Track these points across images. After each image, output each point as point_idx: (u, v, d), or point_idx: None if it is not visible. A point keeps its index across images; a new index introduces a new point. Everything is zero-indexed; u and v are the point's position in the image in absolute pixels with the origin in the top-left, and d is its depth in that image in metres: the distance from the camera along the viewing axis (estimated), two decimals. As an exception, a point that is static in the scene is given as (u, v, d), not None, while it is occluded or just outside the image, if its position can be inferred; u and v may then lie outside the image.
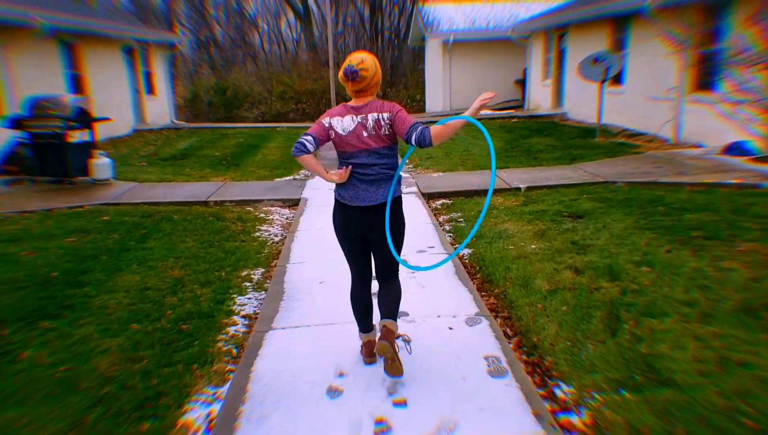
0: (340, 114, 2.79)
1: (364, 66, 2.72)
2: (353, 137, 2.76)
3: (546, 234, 5.24)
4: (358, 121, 2.75)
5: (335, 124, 2.78)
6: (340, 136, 2.78)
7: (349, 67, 2.71)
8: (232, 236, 5.84)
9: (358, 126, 2.75)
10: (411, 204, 6.75)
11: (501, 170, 8.54)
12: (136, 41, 15.73)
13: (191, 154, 11.22)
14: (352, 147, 2.78)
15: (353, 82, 2.72)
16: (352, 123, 2.76)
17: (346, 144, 2.78)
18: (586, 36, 14.45)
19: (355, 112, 2.76)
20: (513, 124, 14.96)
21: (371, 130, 2.75)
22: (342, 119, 2.77)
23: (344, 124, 2.77)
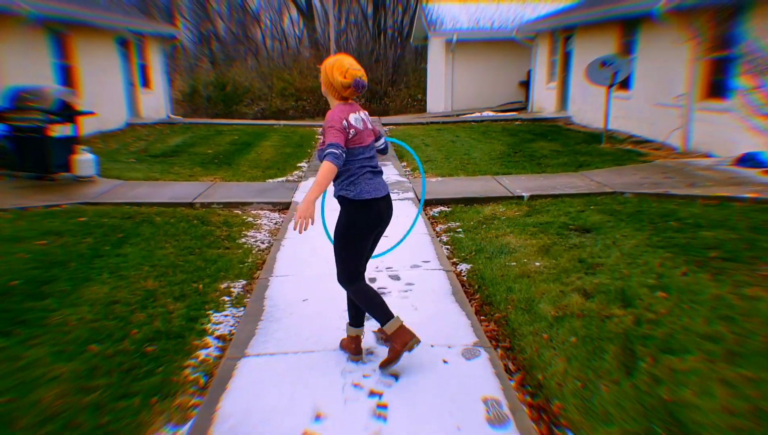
0: (352, 111, 2.88)
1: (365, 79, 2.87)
2: (366, 132, 2.90)
3: (551, 250, 4.86)
4: (361, 116, 2.91)
5: (353, 122, 2.85)
6: (359, 131, 2.86)
7: (361, 81, 2.82)
8: (216, 243, 5.46)
9: (363, 120, 2.91)
10: (406, 211, 6.37)
11: (503, 176, 8.16)
12: (131, 32, 15.32)
13: (183, 151, 10.83)
14: (366, 141, 2.89)
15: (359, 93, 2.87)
16: (360, 117, 2.90)
17: (362, 138, 2.87)
18: (593, 39, 14.07)
19: (357, 109, 2.92)
20: (516, 126, 14.58)
21: (370, 123, 2.97)
22: (355, 115, 2.88)
23: (358, 120, 2.88)
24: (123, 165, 9.29)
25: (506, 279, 4.25)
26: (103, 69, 13.94)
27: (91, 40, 13.30)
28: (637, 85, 11.89)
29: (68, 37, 12.32)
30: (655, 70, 11.11)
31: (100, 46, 13.88)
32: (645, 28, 11.51)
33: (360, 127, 2.85)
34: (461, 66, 20.49)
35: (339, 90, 2.84)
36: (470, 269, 4.61)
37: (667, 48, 10.69)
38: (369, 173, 2.89)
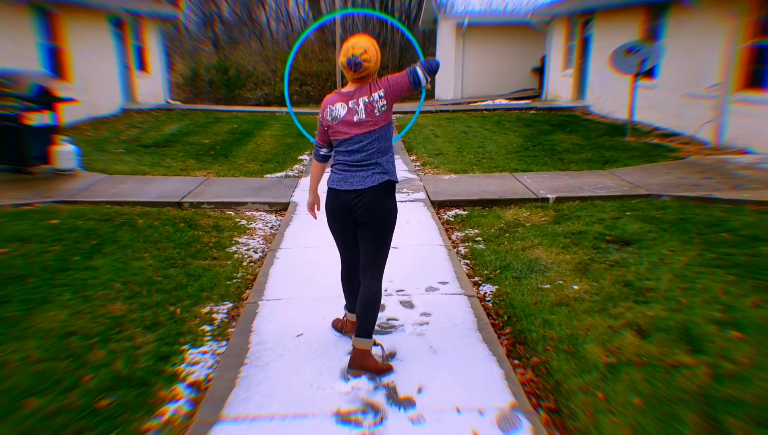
0: (333, 102, 2.79)
1: (367, 56, 2.70)
2: (346, 126, 2.77)
3: (590, 268, 4.16)
4: (348, 107, 2.76)
5: (327, 114, 2.80)
6: (331, 126, 2.79)
7: (353, 58, 2.68)
8: (203, 252, 4.79)
9: (350, 111, 2.76)
10: (418, 215, 5.67)
11: (523, 174, 7.44)
12: (126, 12, 14.55)
13: (177, 141, 10.13)
14: (344, 133, 2.79)
15: (355, 72, 2.71)
16: (343, 110, 2.76)
17: (338, 131, 2.79)
18: (614, 23, 13.20)
19: (347, 99, 2.77)
20: (531, 116, 13.79)
21: (362, 115, 2.75)
22: (334, 106, 2.78)
23: (335, 112, 2.77)
24: (110, 156, 8.61)
25: (541, 308, 3.57)
26: (95, 51, 13.20)
27: (82, 19, 12.54)
28: (663, 73, 11.05)
29: (57, 17, 11.57)
30: (684, 57, 10.29)
31: (92, 26, 13.13)
32: (674, 12, 10.66)
33: (333, 120, 2.78)
34: (472, 51, 19.61)
35: (345, 71, 2.75)
36: (496, 292, 3.93)
37: (699, 33, 9.86)
38: (342, 165, 2.84)
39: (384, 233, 2.87)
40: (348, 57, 2.68)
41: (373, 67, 2.73)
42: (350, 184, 2.79)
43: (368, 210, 2.80)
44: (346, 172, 2.82)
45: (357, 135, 2.76)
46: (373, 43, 2.74)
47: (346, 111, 2.74)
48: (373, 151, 2.78)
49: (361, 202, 2.79)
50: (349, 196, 2.80)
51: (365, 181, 2.78)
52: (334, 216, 2.93)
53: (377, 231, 2.85)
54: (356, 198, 2.80)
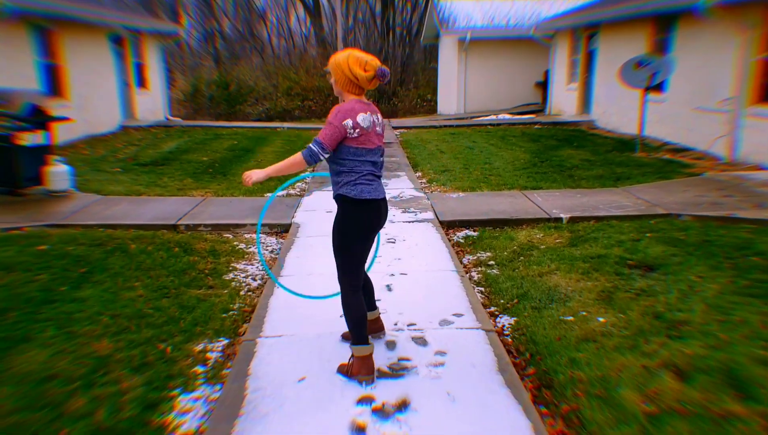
0: (363, 110, 2.78)
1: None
2: (376, 136, 2.83)
3: (614, 297, 3.86)
4: (373, 119, 2.81)
5: (360, 121, 2.75)
6: (365, 132, 2.77)
7: (384, 69, 2.76)
8: (198, 280, 4.50)
9: (374, 122, 2.82)
10: (427, 237, 5.38)
11: (533, 192, 7.16)
12: (126, 29, 14.41)
13: (175, 159, 9.88)
14: (372, 143, 2.81)
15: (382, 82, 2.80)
16: (370, 119, 2.80)
17: (368, 139, 2.79)
18: (620, 37, 13.01)
19: (370, 109, 2.81)
20: (536, 131, 13.55)
21: (381, 127, 2.88)
22: (365, 115, 2.78)
23: (367, 120, 2.78)
24: (106, 176, 8.35)
25: (566, 344, 3.26)
26: (93, 68, 13.03)
27: (81, 37, 12.39)
28: (673, 86, 10.82)
29: (54, 34, 11.40)
30: (695, 70, 10.06)
31: (90, 43, 12.97)
32: (684, 25, 10.46)
33: (367, 128, 2.77)
34: (474, 65, 19.46)
35: (363, 84, 2.77)
36: (515, 325, 3.62)
37: (711, 46, 9.64)
38: (370, 175, 2.84)
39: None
40: (378, 69, 2.76)
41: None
42: (379, 193, 2.87)
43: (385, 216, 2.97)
44: (374, 182, 2.86)
45: (380, 146, 2.89)
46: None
47: (372, 121, 2.80)
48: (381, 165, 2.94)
49: (387, 209, 2.98)
50: (384, 203, 2.93)
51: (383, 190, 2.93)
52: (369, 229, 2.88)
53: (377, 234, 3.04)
54: (386, 206, 2.96)
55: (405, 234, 5.43)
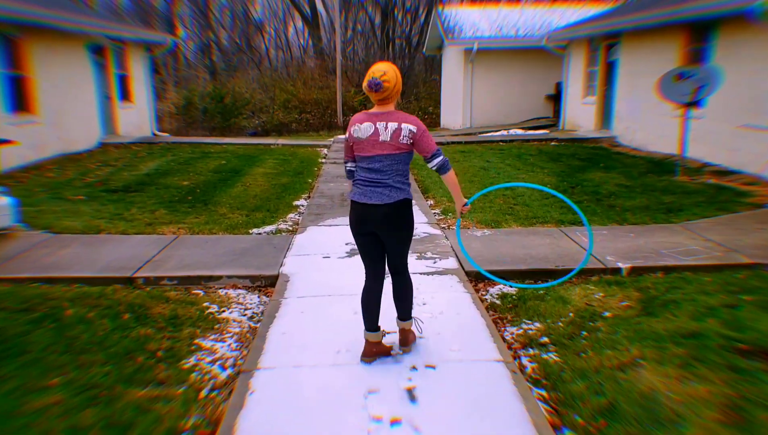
0: (360, 121, 3.02)
1: (386, 78, 2.93)
2: (370, 145, 2.98)
3: (749, 417, 2.62)
4: (375, 127, 2.96)
5: (353, 132, 3.02)
6: (357, 142, 3.02)
7: (373, 79, 2.92)
8: (145, 370, 3.26)
9: (375, 132, 2.96)
10: (453, 299, 4.15)
11: (572, 227, 5.95)
12: (107, 38, 13.27)
13: (151, 183, 8.66)
14: (367, 151, 3.00)
15: (376, 92, 2.94)
16: (370, 129, 2.97)
17: (362, 148, 3.01)
18: (645, 47, 11.89)
19: (375, 119, 2.98)
20: (553, 148, 12.38)
21: (387, 136, 2.95)
22: (361, 126, 3.00)
23: (362, 130, 2.99)
24: (65, 206, 7.11)
25: None
26: (68, 80, 11.84)
27: (53, 46, 11.22)
28: (712, 101, 9.65)
29: (22, 43, 10.23)
30: (739, 83, 8.90)
31: (65, 53, 11.80)
32: (725, 32, 9.33)
33: (359, 137, 3.00)
34: (481, 77, 18.34)
35: (368, 94, 2.97)
36: (610, 472, 2.38)
37: (760, 56, 8.50)
38: (363, 181, 3.06)
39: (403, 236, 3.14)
40: (369, 79, 2.92)
41: (392, 88, 2.96)
42: (375, 198, 3.00)
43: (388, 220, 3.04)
44: (366, 187, 3.04)
45: (379, 155, 2.98)
46: (393, 68, 2.98)
47: (372, 130, 2.97)
48: (392, 172, 3.01)
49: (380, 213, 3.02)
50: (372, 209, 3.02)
51: (382, 197, 3.01)
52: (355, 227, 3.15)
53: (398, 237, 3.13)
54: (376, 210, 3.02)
55: (425, 295, 4.19)
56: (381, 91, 2.91)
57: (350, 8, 33.81)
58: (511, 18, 19.25)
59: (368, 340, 3.21)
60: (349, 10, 33.99)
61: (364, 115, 3.02)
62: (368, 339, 3.21)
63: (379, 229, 3.08)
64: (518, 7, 20.70)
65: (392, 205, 2.99)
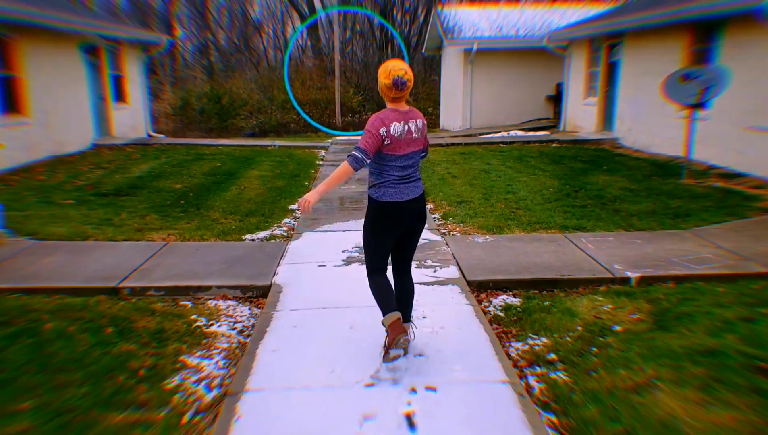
0: (396, 120, 3.02)
1: (408, 76, 3.00)
2: (406, 143, 3.04)
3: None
4: (408, 126, 3.04)
5: (392, 131, 3.00)
6: (395, 141, 3.01)
7: (399, 78, 2.97)
8: (125, 391, 3.04)
9: (409, 131, 3.05)
10: (455, 312, 3.93)
11: (578, 234, 5.74)
12: (102, 38, 13.04)
13: (143, 186, 8.43)
14: (403, 149, 3.04)
15: (401, 91, 2.99)
16: (404, 128, 3.03)
17: (397, 147, 3.02)
18: (648, 47, 11.68)
19: (404, 118, 3.05)
20: (555, 150, 12.18)
21: (419, 134, 3.10)
22: (398, 124, 3.02)
23: (399, 129, 3.01)
24: (53, 210, 6.89)
25: None
26: (61, 81, 11.62)
27: (45, 46, 10.99)
28: (718, 103, 9.45)
29: (12, 42, 10.00)
30: (746, 84, 8.70)
31: (57, 53, 11.57)
32: (732, 32, 9.13)
33: (398, 137, 3.01)
34: (481, 78, 18.13)
35: (385, 92, 3.04)
36: None
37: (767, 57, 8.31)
38: (397, 180, 3.08)
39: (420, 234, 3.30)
40: (393, 77, 2.97)
41: (410, 87, 3.03)
42: (412, 192, 3.10)
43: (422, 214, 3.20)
44: (401, 185, 3.08)
45: (412, 152, 3.09)
46: (408, 66, 3.03)
47: (407, 129, 3.04)
48: (417, 166, 3.17)
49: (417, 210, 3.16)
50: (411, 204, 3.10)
51: (416, 190, 3.15)
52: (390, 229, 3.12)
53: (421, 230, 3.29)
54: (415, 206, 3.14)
55: (425, 307, 3.98)
56: (405, 89, 2.99)
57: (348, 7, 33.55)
58: (511, 18, 19.05)
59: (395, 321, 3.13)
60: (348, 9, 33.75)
61: (394, 113, 3.04)
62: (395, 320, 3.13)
63: (413, 224, 3.17)
64: (518, 8, 20.51)
65: (421, 196, 3.18)
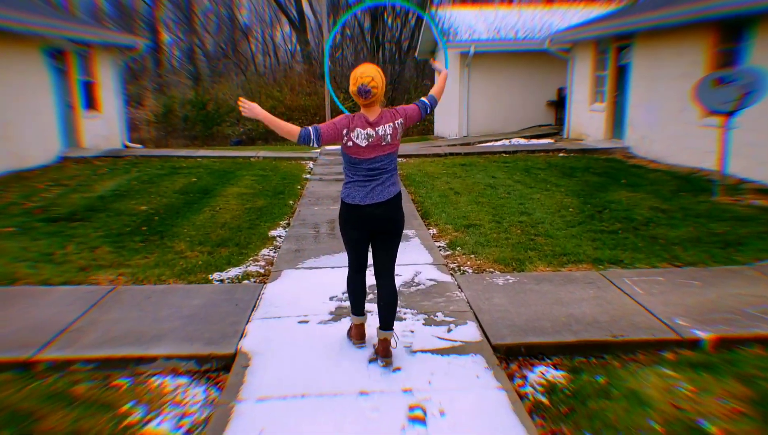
0: (362, 126, 3.06)
1: (375, 84, 3.01)
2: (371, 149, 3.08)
3: None
4: (373, 134, 3.07)
5: (355, 137, 3.06)
6: (359, 147, 3.07)
7: (363, 86, 2.99)
8: None
9: (377, 137, 3.08)
10: (480, 400, 2.89)
11: (616, 269, 4.73)
12: (69, 41, 11.94)
13: (102, 209, 7.34)
14: (368, 154, 3.09)
15: (365, 99, 3.03)
16: (371, 136, 3.06)
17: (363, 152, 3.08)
18: (664, 48, 10.76)
19: (372, 126, 3.07)
20: (562, 160, 11.21)
21: (388, 139, 3.10)
22: (362, 131, 3.05)
23: (363, 135, 3.05)
24: (-14, 241, 5.79)
25: None
26: (20, 88, 10.50)
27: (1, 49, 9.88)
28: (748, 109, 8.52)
29: (-42, 44, 8.90)
30: (784, 88, 7.76)
31: (14, 57, 10.45)
32: (764, 30, 8.21)
33: (361, 143, 3.06)
34: (478, 82, 17.18)
35: (354, 98, 3.05)
36: None
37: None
38: (362, 181, 3.13)
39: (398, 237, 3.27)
40: (358, 86, 3.00)
41: (380, 93, 3.05)
42: (378, 196, 3.12)
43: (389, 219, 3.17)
44: (365, 188, 3.13)
45: (379, 156, 3.11)
46: (379, 71, 3.07)
47: (375, 137, 3.07)
48: (391, 167, 3.17)
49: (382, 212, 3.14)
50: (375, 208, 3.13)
51: (383, 195, 3.13)
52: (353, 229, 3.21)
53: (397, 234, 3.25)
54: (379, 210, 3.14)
55: (442, 396, 2.92)
56: (370, 96, 3.01)
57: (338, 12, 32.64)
58: (509, 20, 18.13)
59: (357, 324, 3.44)
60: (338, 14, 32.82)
61: (361, 119, 3.07)
62: (357, 323, 3.45)
63: (379, 230, 3.19)
64: (516, 9, 19.61)
65: (390, 201, 3.14)
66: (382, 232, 3.18)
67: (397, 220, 3.20)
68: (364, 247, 3.27)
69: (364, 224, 3.15)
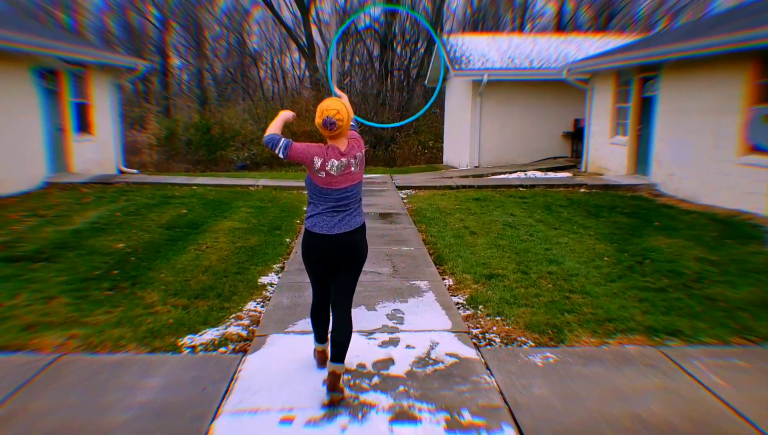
0: (336, 157, 3.11)
1: (340, 116, 3.06)
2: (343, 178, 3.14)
3: None
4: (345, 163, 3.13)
5: (329, 168, 3.10)
6: (332, 177, 3.12)
7: (328, 119, 3.04)
8: None
9: (347, 166, 3.14)
10: None
11: (679, 345, 3.83)
12: (62, 61, 11.32)
13: (74, 246, 6.50)
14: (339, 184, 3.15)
15: (331, 131, 3.07)
16: (343, 166, 3.13)
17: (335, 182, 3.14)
18: (696, 80, 9.99)
19: (345, 156, 3.14)
20: (584, 197, 10.36)
21: (356, 166, 3.19)
22: (336, 161, 3.11)
23: (336, 165, 3.11)
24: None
25: None
26: (4, 109, 9.81)
27: (-17, 66, 9.24)
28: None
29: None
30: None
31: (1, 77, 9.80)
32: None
33: (335, 173, 3.11)
34: (491, 112, 16.47)
35: (320, 130, 3.09)
36: None
37: None
38: (332, 212, 3.18)
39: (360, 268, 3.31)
40: (324, 118, 3.04)
41: (345, 125, 3.10)
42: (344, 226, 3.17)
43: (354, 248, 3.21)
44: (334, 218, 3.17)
45: (349, 186, 3.18)
46: (343, 105, 3.10)
47: (345, 166, 3.13)
48: (359, 198, 3.26)
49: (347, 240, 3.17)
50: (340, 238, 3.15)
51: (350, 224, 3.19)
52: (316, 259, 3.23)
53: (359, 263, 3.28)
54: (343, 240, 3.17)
55: None
56: (335, 129, 3.06)
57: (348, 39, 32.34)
58: (524, 48, 17.53)
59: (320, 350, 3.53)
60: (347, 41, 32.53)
61: (333, 151, 3.11)
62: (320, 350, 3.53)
63: (345, 257, 3.20)
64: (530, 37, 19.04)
65: (356, 231, 3.21)
66: (345, 260, 3.21)
67: (361, 251, 3.26)
68: (325, 278, 3.30)
69: (329, 253, 3.19)
